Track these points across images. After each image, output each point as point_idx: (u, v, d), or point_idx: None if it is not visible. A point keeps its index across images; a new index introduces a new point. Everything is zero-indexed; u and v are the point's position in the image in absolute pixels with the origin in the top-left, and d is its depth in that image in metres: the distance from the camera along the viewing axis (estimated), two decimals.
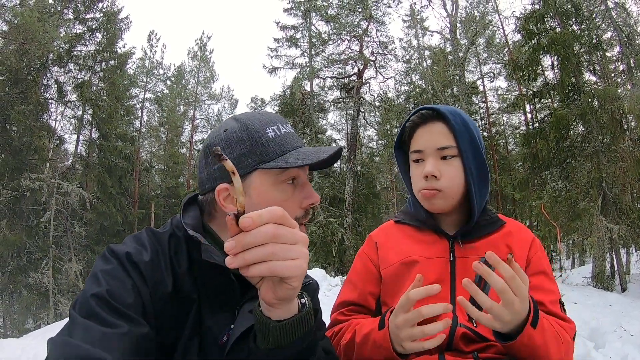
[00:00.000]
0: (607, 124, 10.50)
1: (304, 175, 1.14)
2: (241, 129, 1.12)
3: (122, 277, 0.95)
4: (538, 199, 11.67)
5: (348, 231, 17.86)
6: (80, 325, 0.85)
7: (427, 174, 1.40)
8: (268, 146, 1.09)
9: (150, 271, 0.99)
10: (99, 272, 0.95)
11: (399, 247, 1.52)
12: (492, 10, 21.97)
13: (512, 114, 26.71)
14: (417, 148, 1.45)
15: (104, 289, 0.90)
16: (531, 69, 12.41)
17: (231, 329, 1.04)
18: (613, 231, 9.91)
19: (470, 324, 1.33)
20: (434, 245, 1.47)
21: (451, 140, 1.41)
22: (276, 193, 1.08)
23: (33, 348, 7.64)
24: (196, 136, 32.78)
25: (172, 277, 1.02)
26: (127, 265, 0.97)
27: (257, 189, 1.08)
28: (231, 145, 1.11)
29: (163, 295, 0.99)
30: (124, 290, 0.93)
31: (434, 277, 1.39)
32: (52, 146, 17.11)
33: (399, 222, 1.61)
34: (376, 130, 29.59)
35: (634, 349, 5.44)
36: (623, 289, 10.18)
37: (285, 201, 1.07)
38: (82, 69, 18.31)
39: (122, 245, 1.02)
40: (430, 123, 1.44)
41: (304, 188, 1.12)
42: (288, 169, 1.07)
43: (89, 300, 0.88)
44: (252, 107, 25.27)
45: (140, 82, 29.16)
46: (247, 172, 1.08)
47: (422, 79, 24.95)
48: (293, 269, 0.76)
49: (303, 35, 23.96)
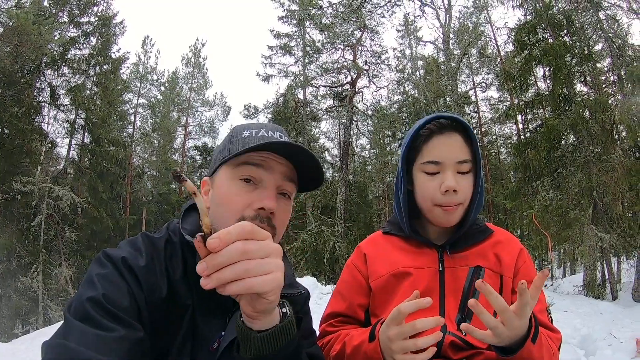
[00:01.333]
0: (598, 134, 10.61)
1: (271, 180, 1.09)
2: (229, 133, 1.20)
3: (118, 281, 0.95)
4: (529, 208, 11.74)
5: (340, 239, 17.86)
6: (75, 328, 0.85)
7: (449, 188, 1.34)
8: (235, 144, 1.13)
9: (145, 276, 0.99)
10: (95, 276, 0.94)
11: (388, 258, 1.50)
12: (485, 21, 22.22)
13: (504, 124, 26.93)
14: (434, 159, 1.38)
15: (99, 292, 0.90)
16: (523, 80, 12.52)
17: (222, 336, 1.05)
18: (604, 240, 9.98)
19: (459, 332, 1.33)
20: (423, 256, 1.46)
21: (468, 154, 1.38)
22: (230, 187, 1.08)
23: (22, 353, 7.57)
24: (189, 143, 32.71)
25: (167, 282, 1.02)
26: (122, 270, 0.97)
27: (217, 183, 1.12)
28: (219, 147, 1.19)
29: (158, 300, 0.99)
30: (119, 295, 0.92)
31: (423, 287, 1.38)
32: (44, 150, 16.96)
33: (387, 232, 1.59)
34: (369, 139, 29.71)
35: (624, 356, 5.48)
36: (614, 297, 10.26)
37: (235, 196, 1.07)
38: (75, 72, 18.22)
39: (118, 250, 1.03)
40: (448, 133, 1.38)
41: (262, 191, 1.08)
42: (241, 165, 1.08)
43: (85, 303, 0.88)
44: (245, 115, 25.25)
45: (134, 88, 29.09)
46: (216, 167, 1.14)
47: (415, 89, 25.17)
48: (269, 284, 0.77)
49: (297, 44, 24.11)
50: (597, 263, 10.70)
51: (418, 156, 1.42)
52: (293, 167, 1.13)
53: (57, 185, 15.54)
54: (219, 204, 1.09)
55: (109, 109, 20.03)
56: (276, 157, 1.09)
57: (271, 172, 1.09)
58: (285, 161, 1.11)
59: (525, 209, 12.14)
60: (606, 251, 10.59)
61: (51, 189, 15.02)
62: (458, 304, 1.37)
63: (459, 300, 1.38)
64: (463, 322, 1.30)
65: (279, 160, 1.10)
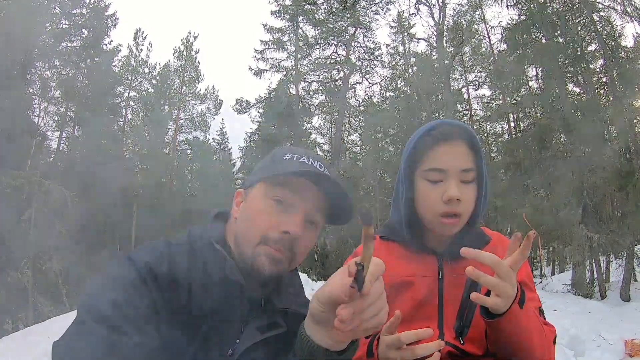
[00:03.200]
0: (589, 134, 10.68)
1: (302, 207, 1.11)
2: (272, 153, 1.24)
3: (140, 287, 0.95)
4: (520, 207, 11.82)
5: (330, 235, 17.86)
6: (90, 330, 0.85)
7: (452, 197, 1.32)
8: (277, 165, 1.15)
9: (166, 283, 1.00)
10: (116, 279, 0.95)
11: (388, 268, 1.46)
12: (479, 20, 22.24)
13: (495, 123, 27.01)
14: (439, 167, 1.35)
15: (120, 296, 0.90)
16: (515, 79, 12.58)
17: (237, 344, 1.06)
18: (593, 240, 10.08)
19: (456, 342, 1.33)
20: (423, 263, 1.45)
21: (472, 163, 1.36)
22: (260, 204, 1.12)
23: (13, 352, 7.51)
24: (180, 136, 32.46)
25: (187, 290, 1.03)
26: (145, 275, 0.97)
27: (251, 197, 1.16)
28: (260, 164, 1.24)
29: (177, 307, 1.00)
30: (139, 300, 0.93)
31: (422, 295, 1.39)
32: (34, 143, 16.76)
33: (385, 238, 1.56)
34: (360, 135, 29.69)
35: (613, 357, 5.55)
36: (602, 297, 10.36)
37: (264, 214, 1.10)
38: (67, 65, 18.03)
39: (141, 254, 1.03)
40: (453, 141, 1.36)
41: (291, 216, 1.10)
42: (277, 186, 1.11)
43: (103, 306, 0.88)
44: (237, 109, 25.15)
45: (125, 80, 28.77)
46: (254, 182, 1.17)
47: (407, 85, 25.16)
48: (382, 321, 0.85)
49: (290, 39, 24.05)
50: (585, 262, 10.81)
51: (420, 162, 1.39)
52: (326, 199, 1.15)
53: (47, 179, 15.37)
54: (247, 219, 1.13)
55: (100, 101, 19.83)
56: (312, 186, 1.11)
57: (304, 199, 1.11)
58: (319, 192, 1.13)
59: (515, 207, 12.20)
60: (595, 250, 10.70)
61: (41, 183, 14.85)
62: (456, 312, 1.36)
63: (457, 309, 1.36)
64: (461, 331, 1.33)
65: (313, 190, 1.12)
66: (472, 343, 1.34)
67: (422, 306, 1.39)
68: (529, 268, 1.48)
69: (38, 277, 14.61)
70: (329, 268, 16.01)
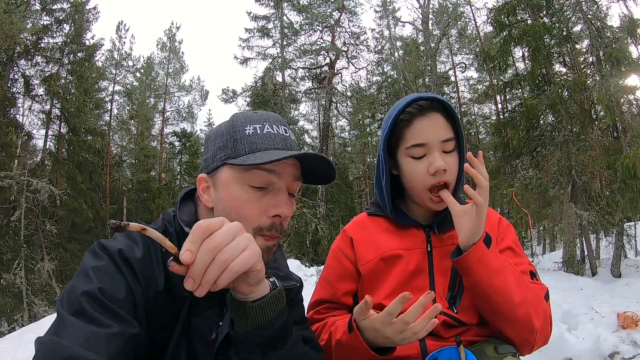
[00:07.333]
0: (577, 113, 10.73)
1: (282, 184, 1.07)
2: (227, 124, 1.14)
3: (114, 274, 0.93)
4: (509, 186, 11.88)
5: (322, 221, 17.90)
6: (69, 324, 0.83)
7: (439, 169, 1.34)
8: (240, 142, 1.08)
9: (142, 268, 0.97)
10: (90, 269, 0.92)
11: (376, 241, 1.49)
12: (465, 2, 22.17)
13: (483, 104, 27.12)
14: (419, 142, 1.37)
15: (95, 286, 0.88)
16: (502, 60, 12.56)
17: (219, 326, 1.05)
18: (583, 217, 10.18)
19: (450, 310, 1.36)
20: (411, 236, 1.47)
21: (451, 132, 1.38)
22: (239, 191, 1.05)
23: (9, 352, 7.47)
24: (167, 129, 32.25)
25: (164, 274, 1.00)
26: (119, 262, 0.95)
27: (224, 184, 1.07)
28: (214, 139, 1.14)
29: (155, 293, 0.98)
30: (115, 288, 0.90)
31: (413, 268, 1.41)
32: (20, 142, 16.53)
33: (372, 214, 1.58)
34: (348, 121, 29.70)
35: (605, 330, 5.64)
36: (593, 273, 10.50)
37: (248, 202, 1.04)
38: (49, 61, 17.68)
39: (113, 241, 1.00)
40: (430, 114, 1.37)
41: (275, 196, 1.06)
42: (251, 169, 1.04)
43: (79, 297, 0.86)
44: (223, 99, 24.95)
45: (109, 75, 28.43)
46: (218, 166, 1.09)
47: (394, 70, 25.15)
48: (249, 258, 0.80)
49: (275, 26, 23.79)
50: (576, 240, 10.92)
51: (402, 141, 1.41)
52: (299, 166, 1.12)
53: (35, 178, 15.20)
54: (229, 211, 1.04)
55: (85, 97, 19.53)
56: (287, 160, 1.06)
57: (282, 175, 1.07)
58: (294, 161, 1.10)
59: (505, 187, 12.26)
60: (585, 228, 10.81)
61: (29, 182, 14.69)
62: (448, 282, 1.40)
63: (448, 279, 1.40)
64: (453, 300, 1.37)
65: (289, 162, 1.08)
66: (465, 312, 1.36)
67: (413, 279, 1.42)
68: (515, 236, 1.50)
69: (31, 277, 14.52)
70: (321, 254, 16.12)
